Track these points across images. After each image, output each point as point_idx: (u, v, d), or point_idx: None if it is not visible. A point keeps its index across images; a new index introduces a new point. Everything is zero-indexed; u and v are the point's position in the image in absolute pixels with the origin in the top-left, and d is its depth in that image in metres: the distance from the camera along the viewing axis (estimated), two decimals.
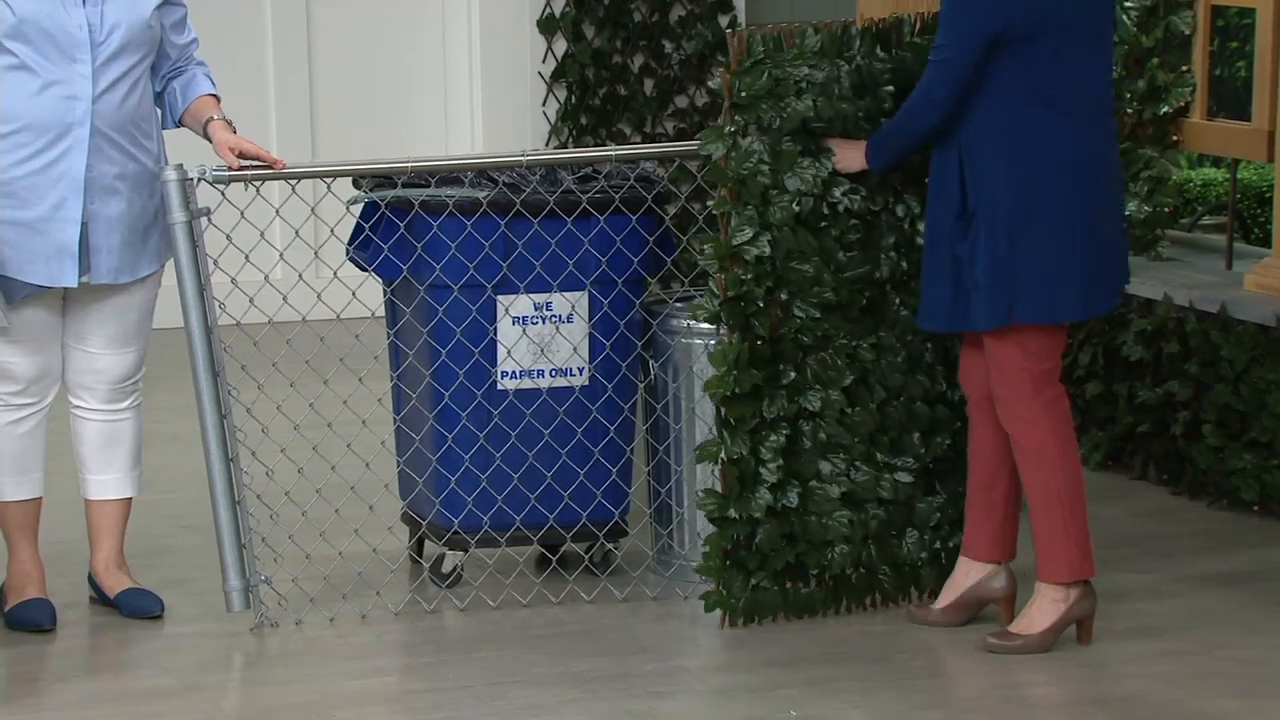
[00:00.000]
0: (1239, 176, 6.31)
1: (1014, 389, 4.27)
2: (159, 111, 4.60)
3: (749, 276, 4.32)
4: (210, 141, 4.52)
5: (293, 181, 4.58)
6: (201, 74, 4.58)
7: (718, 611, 4.48)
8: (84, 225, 4.43)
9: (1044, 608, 4.29)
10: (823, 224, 4.40)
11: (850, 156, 4.41)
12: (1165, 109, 5.72)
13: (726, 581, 4.41)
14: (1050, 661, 4.29)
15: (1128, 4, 5.73)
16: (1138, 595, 4.71)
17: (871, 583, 4.53)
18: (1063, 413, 4.27)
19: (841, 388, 4.43)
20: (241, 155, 4.47)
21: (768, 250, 4.34)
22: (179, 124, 4.58)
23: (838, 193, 4.40)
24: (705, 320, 4.38)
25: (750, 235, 4.32)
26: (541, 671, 4.26)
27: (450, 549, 4.73)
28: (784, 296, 4.38)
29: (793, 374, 4.40)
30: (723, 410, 4.35)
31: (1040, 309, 4.22)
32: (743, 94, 4.30)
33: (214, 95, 4.56)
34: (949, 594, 4.46)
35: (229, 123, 4.51)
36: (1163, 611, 4.61)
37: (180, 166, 4.47)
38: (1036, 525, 4.28)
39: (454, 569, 4.74)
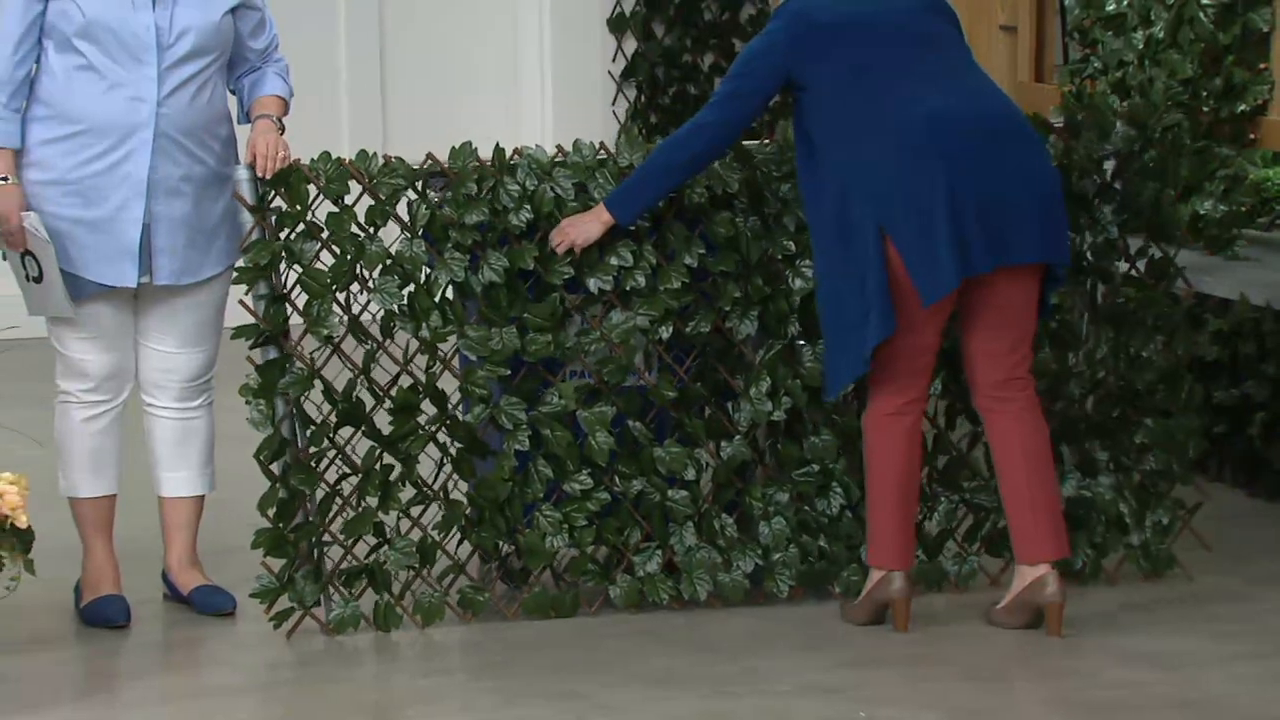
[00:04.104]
0: None
1: (869, 391, 4.41)
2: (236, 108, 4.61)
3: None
4: None
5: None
6: (273, 73, 4.58)
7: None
8: (147, 226, 4.45)
9: (865, 586, 4.46)
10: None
11: (584, 229, 4.43)
12: (1242, 107, 5.66)
13: (297, 597, 4.43)
14: (1127, 663, 4.25)
15: (1204, 1, 5.67)
16: (1215, 598, 4.67)
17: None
18: (897, 430, 4.35)
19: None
20: (257, 155, 4.40)
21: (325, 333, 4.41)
22: (250, 120, 4.58)
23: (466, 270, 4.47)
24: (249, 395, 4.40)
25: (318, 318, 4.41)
26: (612, 672, 4.25)
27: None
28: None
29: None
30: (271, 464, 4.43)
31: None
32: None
33: (278, 96, 4.55)
34: (1007, 596, 4.45)
35: (276, 121, 4.49)
36: (1240, 615, 4.56)
37: (252, 166, 4.48)
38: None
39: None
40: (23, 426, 4.89)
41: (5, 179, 4.41)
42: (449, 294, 4.54)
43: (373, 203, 4.49)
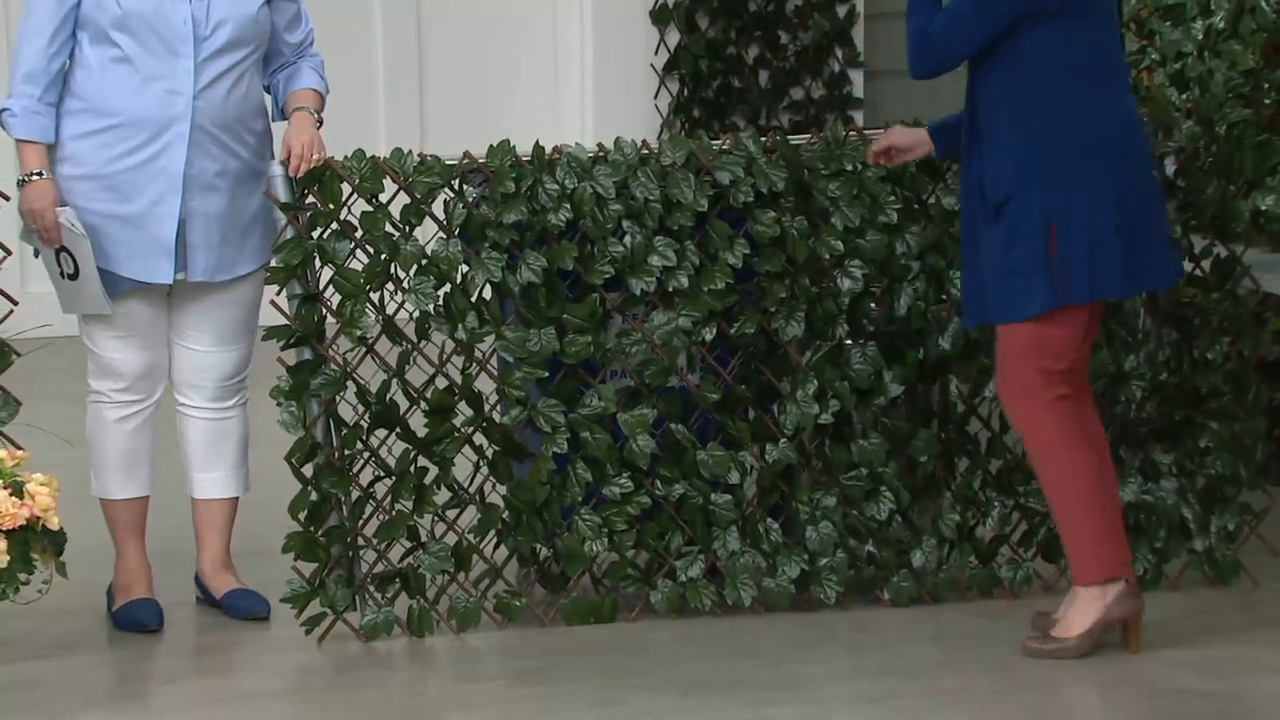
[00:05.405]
0: None
1: (1024, 385, 4.14)
2: (270, 104, 4.55)
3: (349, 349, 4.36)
4: None
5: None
6: (308, 67, 4.52)
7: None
8: (182, 222, 4.38)
9: (1080, 609, 4.19)
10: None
11: None
12: None
13: (328, 601, 4.36)
14: (1180, 671, 4.16)
15: None
16: (1275, 605, 4.56)
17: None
18: (1068, 411, 4.12)
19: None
20: (292, 153, 4.32)
21: (359, 334, 4.33)
22: (284, 116, 4.52)
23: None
24: (281, 395, 4.33)
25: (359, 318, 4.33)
26: (652, 677, 4.18)
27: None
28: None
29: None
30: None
31: (1081, 289, 4.06)
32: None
33: (314, 89, 4.48)
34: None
35: (314, 115, 4.42)
36: None
37: (286, 162, 4.40)
38: (1059, 526, 4.20)
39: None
40: (54, 427, 4.87)
41: (39, 174, 4.36)
42: (486, 294, 4.46)
43: (408, 201, 4.41)
